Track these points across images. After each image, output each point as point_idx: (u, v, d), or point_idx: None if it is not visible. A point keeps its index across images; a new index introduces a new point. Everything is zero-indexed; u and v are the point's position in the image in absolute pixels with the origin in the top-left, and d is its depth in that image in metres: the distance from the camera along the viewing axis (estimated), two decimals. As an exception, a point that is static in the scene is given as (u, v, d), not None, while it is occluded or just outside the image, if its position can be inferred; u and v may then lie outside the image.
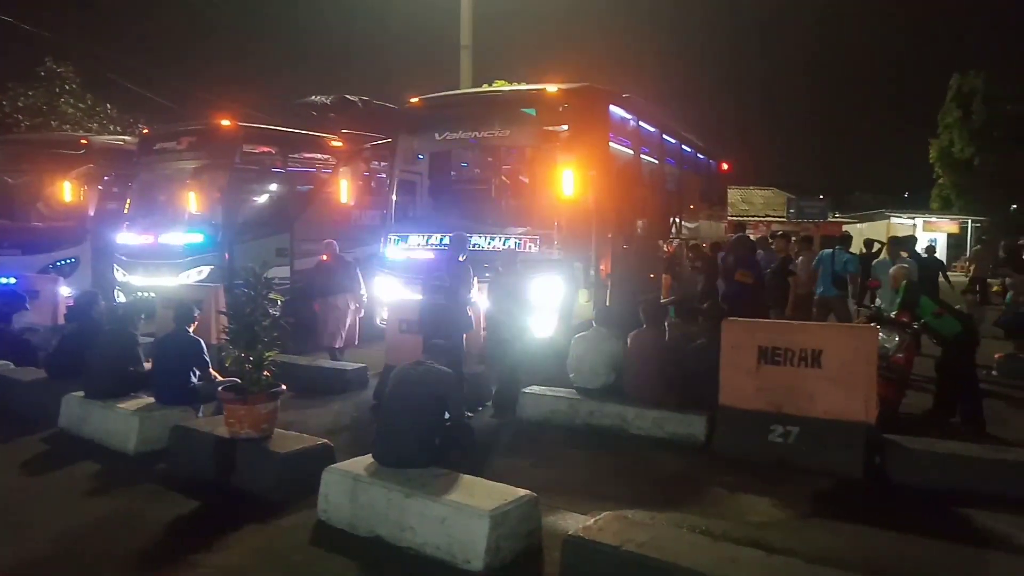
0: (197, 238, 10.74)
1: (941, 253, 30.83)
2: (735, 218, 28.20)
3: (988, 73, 36.43)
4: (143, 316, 7.14)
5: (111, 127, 24.48)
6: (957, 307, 7.37)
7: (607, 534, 3.58)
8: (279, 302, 5.68)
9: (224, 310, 5.44)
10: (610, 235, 8.99)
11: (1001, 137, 35.60)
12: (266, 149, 11.74)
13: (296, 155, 12.20)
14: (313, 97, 13.74)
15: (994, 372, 8.87)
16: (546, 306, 7.97)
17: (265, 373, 5.15)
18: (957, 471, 5.00)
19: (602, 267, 8.74)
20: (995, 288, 11.40)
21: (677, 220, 12.13)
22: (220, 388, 5.32)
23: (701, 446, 5.90)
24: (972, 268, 17.26)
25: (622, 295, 8.95)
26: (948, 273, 13.81)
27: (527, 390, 6.87)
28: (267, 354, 5.19)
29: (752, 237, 11.84)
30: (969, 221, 33.63)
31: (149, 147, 11.84)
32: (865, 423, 5.33)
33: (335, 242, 9.62)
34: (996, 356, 9.05)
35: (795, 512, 4.69)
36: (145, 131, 12.80)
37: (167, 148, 11.54)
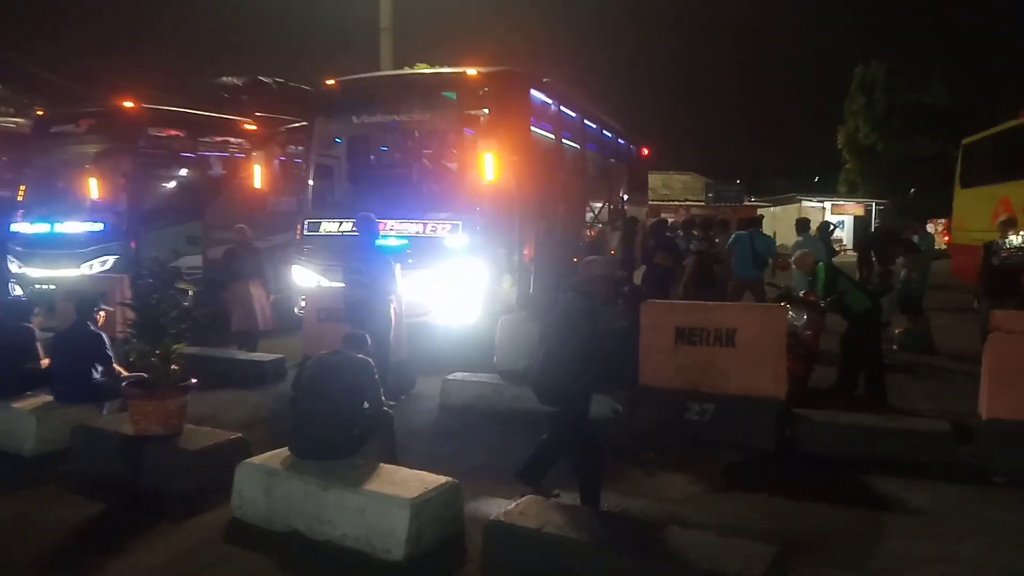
0: (99, 226, 10.19)
1: (848, 235, 32.51)
2: (656, 202, 28.93)
3: (889, 63, 38.41)
4: (36, 310, 6.70)
5: (2, 108, 22.85)
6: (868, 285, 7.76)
7: (528, 517, 3.60)
8: (190, 292, 5.45)
9: (128, 301, 5.17)
10: (533, 220, 9.01)
11: (900, 124, 37.64)
12: (174, 132, 11.22)
13: (207, 139, 11.71)
14: (224, 78, 13.21)
15: (895, 347, 9.40)
16: (467, 292, 7.94)
17: (173, 367, 4.94)
18: (859, 440, 5.28)
19: (525, 252, 8.76)
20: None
21: (601, 204, 12.29)
22: (125, 384, 5.07)
23: (622, 426, 6.02)
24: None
25: (545, 279, 9.01)
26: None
27: (450, 376, 6.83)
28: (175, 347, 4.97)
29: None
30: (873, 204, 35.56)
31: (45, 130, 11.16)
32: (776, 398, 5.56)
33: (245, 227, 9.31)
34: (896, 331, 9.59)
35: (711, 487, 4.85)
36: (40, 113, 12.02)
37: (65, 131, 10.89)
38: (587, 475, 4.34)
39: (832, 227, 13.68)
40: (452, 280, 7.95)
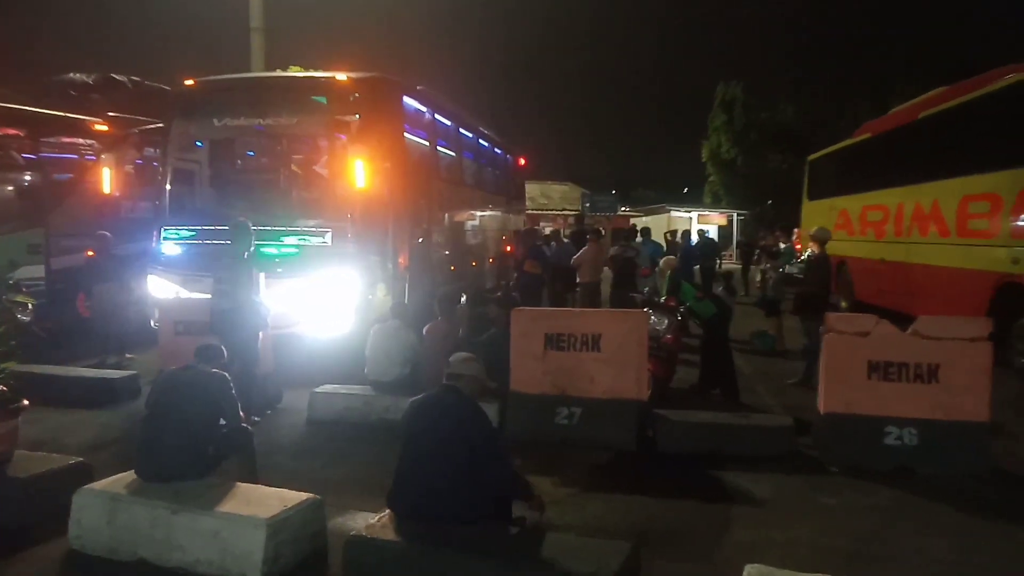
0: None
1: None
2: (535, 211, 29.54)
3: (746, 83, 41.26)
4: None
5: None
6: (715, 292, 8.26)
7: (389, 530, 3.56)
8: (30, 305, 5.00)
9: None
10: (407, 228, 8.94)
11: (757, 140, 40.47)
12: (11, 131, 10.25)
13: (51, 139, 10.79)
14: (72, 74, 12.24)
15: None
16: (338, 301, 7.76)
17: (1, 387, 4.49)
18: (713, 437, 5.62)
19: (400, 260, 8.68)
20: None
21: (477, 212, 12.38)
22: (-57, 409, 4.56)
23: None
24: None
25: (420, 288, 8.96)
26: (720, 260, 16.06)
27: (318, 389, 6.64)
28: (5, 364, 4.54)
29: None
30: (735, 214, 37.96)
31: None
32: (638, 400, 5.80)
33: (108, 234, 8.77)
34: (751, 333, 10.26)
35: (576, 488, 4.99)
36: None
37: None
38: None
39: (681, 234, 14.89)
40: (322, 289, 7.75)
